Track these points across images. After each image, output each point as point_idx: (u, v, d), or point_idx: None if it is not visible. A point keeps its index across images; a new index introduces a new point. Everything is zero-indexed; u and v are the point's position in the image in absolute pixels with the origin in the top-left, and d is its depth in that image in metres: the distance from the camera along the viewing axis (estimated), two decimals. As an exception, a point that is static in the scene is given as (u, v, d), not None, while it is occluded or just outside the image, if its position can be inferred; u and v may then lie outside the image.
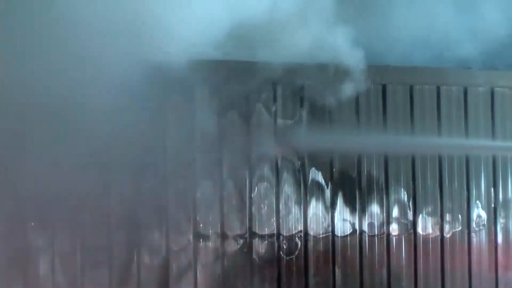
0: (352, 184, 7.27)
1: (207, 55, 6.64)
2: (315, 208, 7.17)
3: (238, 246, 7.01)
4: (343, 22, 7.00)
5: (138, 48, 6.40)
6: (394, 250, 7.34)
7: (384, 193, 7.34)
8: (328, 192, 7.21)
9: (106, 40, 6.25)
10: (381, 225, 7.33)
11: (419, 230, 7.41)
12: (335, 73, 7.15)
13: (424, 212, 7.43)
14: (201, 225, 6.95)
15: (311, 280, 7.14)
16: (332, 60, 7.11)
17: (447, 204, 7.47)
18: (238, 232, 7.02)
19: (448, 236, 7.47)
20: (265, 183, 7.09)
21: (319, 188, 7.18)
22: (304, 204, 7.15)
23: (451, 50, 7.50)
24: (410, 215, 7.39)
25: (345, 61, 7.14)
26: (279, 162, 7.12)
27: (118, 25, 6.25)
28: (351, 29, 6.98)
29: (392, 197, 7.36)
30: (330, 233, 7.20)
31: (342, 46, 7.10)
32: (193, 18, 6.44)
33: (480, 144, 7.54)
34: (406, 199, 7.39)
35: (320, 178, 7.19)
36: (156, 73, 6.54)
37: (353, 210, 7.26)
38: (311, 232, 7.16)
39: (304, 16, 6.84)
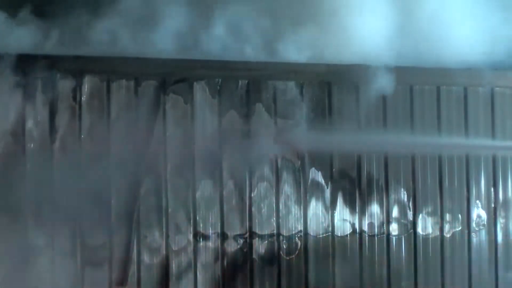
0: (352, 184, 7.27)
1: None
2: (315, 208, 7.17)
3: (238, 246, 7.02)
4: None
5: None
6: (394, 250, 7.34)
7: (384, 193, 7.34)
8: (328, 192, 7.21)
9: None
10: (381, 225, 7.33)
11: (419, 230, 7.41)
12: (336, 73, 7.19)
13: (424, 212, 7.43)
14: (201, 225, 6.95)
15: (311, 280, 7.14)
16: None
17: (447, 204, 7.47)
18: (238, 232, 7.02)
19: (448, 236, 7.47)
20: (265, 183, 7.09)
21: (319, 188, 7.18)
22: (304, 204, 7.15)
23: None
24: (410, 215, 7.39)
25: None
26: (279, 162, 7.12)
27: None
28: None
29: (392, 197, 7.36)
30: (330, 233, 7.20)
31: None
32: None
33: (480, 144, 7.53)
34: (406, 199, 7.39)
35: (320, 178, 7.19)
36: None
37: (353, 210, 7.26)
38: (311, 232, 7.16)
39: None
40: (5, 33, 6.58)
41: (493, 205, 7.58)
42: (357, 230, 7.27)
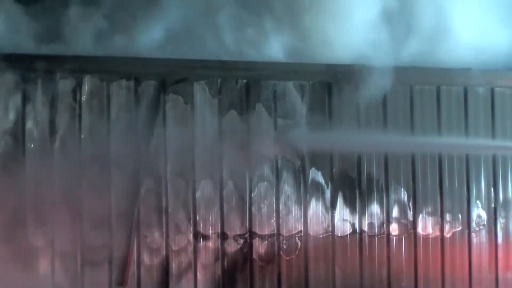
0: (352, 184, 7.27)
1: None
2: (315, 208, 7.17)
3: (238, 246, 7.01)
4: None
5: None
6: (394, 250, 7.34)
7: (384, 193, 7.34)
8: (328, 192, 7.21)
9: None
10: (381, 225, 7.33)
11: (419, 230, 7.41)
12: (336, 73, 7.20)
13: (424, 212, 7.43)
14: (201, 225, 6.95)
15: (311, 280, 7.14)
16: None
17: (447, 204, 7.47)
18: (238, 232, 7.02)
19: (448, 236, 7.47)
20: (265, 183, 7.08)
21: (319, 188, 7.18)
22: (304, 204, 7.15)
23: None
24: (410, 215, 7.39)
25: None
26: (279, 162, 7.12)
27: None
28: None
29: (392, 197, 7.36)
30: (330, 233, 7.20)
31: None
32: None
33: (480, 144, 7.53)
34: (406, 199, 7.39)
35: (320, 178, 7.19)
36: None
37: (353, 210, 7.26)
38: (311, 232, 7.16)
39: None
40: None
41: (493, 205, 7.58)
42: (357, 230, 7.26)
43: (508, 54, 7.65)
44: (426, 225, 7.43)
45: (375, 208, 7.31)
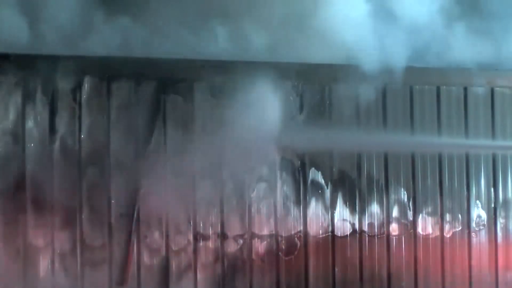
0: (352, 184, 7.27)
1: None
2: (315, 208, 7.17)
3: (238, 246, 7.01)
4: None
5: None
6: (394, 250, 7.34)
7: (384, 193, 7.34)
8: (328, 192, 7.21)
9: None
10: (381, 225, 7.33)
11: (419, 230, 7.41)
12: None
13: (424, 212, 7.43)
14: (201, 226, 6.95)
15: (311, 280, 7.14)
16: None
17: (447, 204, 7.47)
18: (238, 232, 7.02)
19: (448, 236, 7.47)
20: (265, 183, 7.08)
21: (319, 188, 7.18)
22: (303, 204, 7.15)
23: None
24: (410, 215, 7.39)
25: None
26: (279, 162, 7.11)
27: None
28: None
29: (392, 197, 7.36)
30: (329, 233, 7.20)
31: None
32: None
33: (480, 143, 7.54)
34: (406, 199, 7.39)
35: (320, 178, 7.19)
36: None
37: (353, 210, 7.26)
38: (311, 232, 7.16)
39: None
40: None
41: (493, 205, 7.58)
42: (357, 230, 7.27)
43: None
44: (426, 225, 7.44)
45: (375, 208, 7.31)
